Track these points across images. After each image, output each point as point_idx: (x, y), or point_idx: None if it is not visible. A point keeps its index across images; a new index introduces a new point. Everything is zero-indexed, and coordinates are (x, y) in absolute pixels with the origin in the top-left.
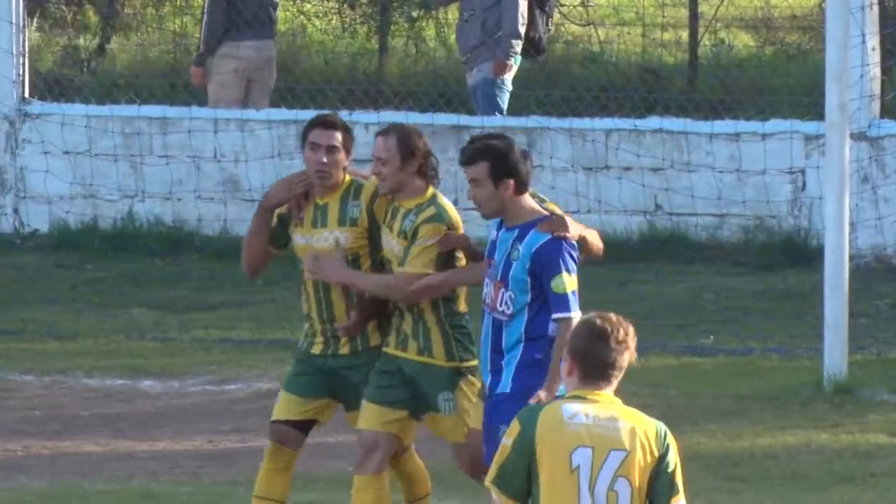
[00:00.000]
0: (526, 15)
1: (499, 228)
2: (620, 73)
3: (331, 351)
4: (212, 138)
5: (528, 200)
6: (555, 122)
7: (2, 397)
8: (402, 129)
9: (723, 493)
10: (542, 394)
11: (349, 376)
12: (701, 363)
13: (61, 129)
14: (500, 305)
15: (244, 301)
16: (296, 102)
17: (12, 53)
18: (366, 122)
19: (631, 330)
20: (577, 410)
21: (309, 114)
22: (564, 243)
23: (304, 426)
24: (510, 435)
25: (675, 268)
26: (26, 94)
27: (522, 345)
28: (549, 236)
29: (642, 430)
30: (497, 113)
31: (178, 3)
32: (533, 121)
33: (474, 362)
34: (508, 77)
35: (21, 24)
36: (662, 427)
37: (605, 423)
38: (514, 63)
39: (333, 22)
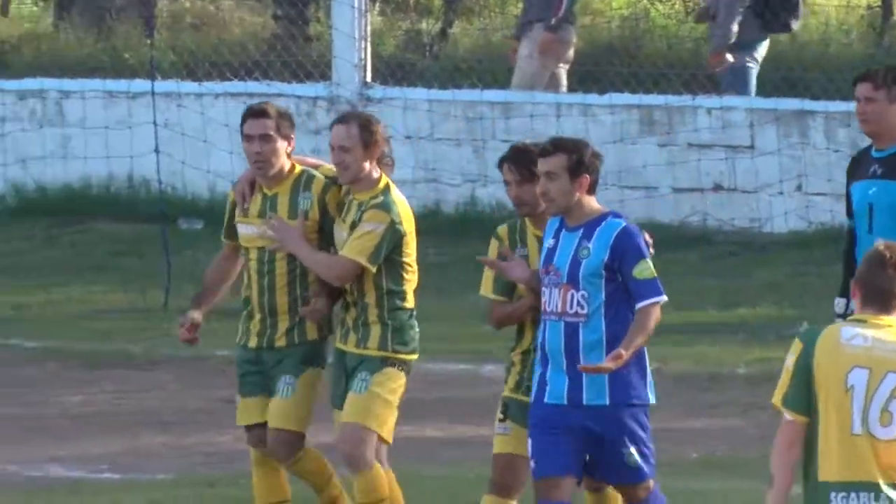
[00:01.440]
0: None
1: (556, 235)
2: None
3: (266, 343)
4: (554, 123)
5: (594, 201)
6: None
7: None
8: (361, 116)
9: None
10: (621, 350)
11: (280, 367)
12: None
13: (403, 114)
14: (572, 308)
15: None
16: (639, 87)
17: (354, 38)
18: (709, 106)
19: None
20: (856, 333)
21: (651, 98)
22: (638, 229)
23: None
24: (794, 353)
25: None
26: (368, 79)
27: (605, 351)
28: (623, 224)
29: None
30: (741, 94)
31: None
32: None
33: (408, 357)
34: (745, 62)
35: (363, 9)
36: None
37: (885, 346)
38: (740, 50)
39: (676, 6)
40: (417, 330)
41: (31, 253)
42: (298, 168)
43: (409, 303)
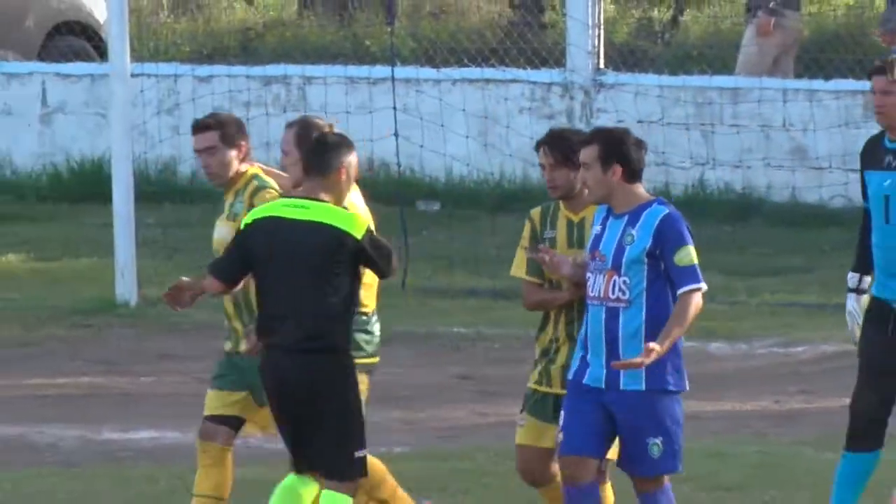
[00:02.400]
0: None
1: (603, 222)
2: None
3: (234, 347)
4: (781, 108)
5: (639, 188)
6: None
7: None
8: (301, 122)
9: None
10: (653, 345)
11: (250, 373)
12: None
13: (634, 99)
14: (614, 293)
15: (812, 266)
16: (863, 74)
17: (588, 25)
18: None
19: None
20: None
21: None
22: (681, 216)
23: (230, 421)
24: None
25: None
26: (601, 65)
27: (644, 338)
28: (667, 210)
29: None
30: None
31: None
32: None
33: (364, 361)
34: None
35: None
36: None
37: None
38: None
39: None
40: (375, 334)
41: None
42: (250, 173)
43: (366, 306)
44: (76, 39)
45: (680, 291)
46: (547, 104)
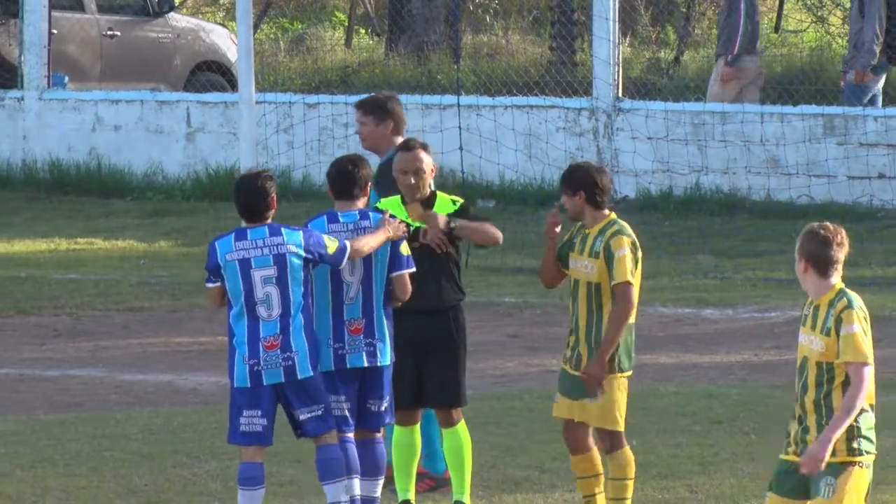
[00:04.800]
0: (881, 35)
1: None
2: None
3: None
4: (758, 127)
5: (339, 205)
6: None
7: None
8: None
9: None
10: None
11: None
12: None
13: (645, 121)
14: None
15: (783, 250)
16: (822, 100)
17: (609, 63)
18: (875, 115)
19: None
20: None
21: (832, 109)
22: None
23: None
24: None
25: None
26: (620, 94)
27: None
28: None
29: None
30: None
31: None
32: None
33: None
34: (872, 83)
35: (617, 42)
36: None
37: None
38: (874, 73)
39: None
40: None
41: None
42: None
43: None
44: (213, 75)
45: None
46: (577, 125)
